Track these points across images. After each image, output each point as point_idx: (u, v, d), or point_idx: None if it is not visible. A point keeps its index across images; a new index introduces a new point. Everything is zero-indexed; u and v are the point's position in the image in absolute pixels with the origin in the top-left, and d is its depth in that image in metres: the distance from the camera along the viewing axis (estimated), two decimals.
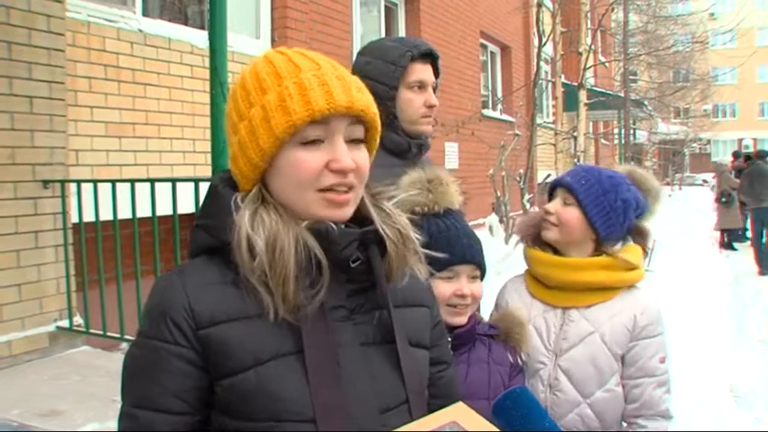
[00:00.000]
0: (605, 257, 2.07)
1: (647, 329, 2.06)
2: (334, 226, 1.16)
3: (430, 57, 2.33)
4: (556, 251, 2.11)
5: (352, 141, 1.18)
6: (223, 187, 1.21)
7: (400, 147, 2.29)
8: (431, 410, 1.31)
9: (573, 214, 2.05)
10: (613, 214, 2.06)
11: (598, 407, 2.02)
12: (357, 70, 2.26)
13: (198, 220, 1.23)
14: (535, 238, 2.17)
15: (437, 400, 1.31)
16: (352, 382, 1.15)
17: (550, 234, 2.07)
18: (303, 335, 1.12)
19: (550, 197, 2.15)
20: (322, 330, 1.14)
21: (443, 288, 1.73)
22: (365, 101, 1.17)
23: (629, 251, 2.13)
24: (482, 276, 1.83)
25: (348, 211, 1.18)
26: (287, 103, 1.12)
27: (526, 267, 2.21)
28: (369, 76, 2.19)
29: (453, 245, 1.72)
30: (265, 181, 1.19)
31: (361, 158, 1.18)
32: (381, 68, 2.26)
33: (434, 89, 2.36)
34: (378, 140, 1.24)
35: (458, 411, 1.14)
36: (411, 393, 1.20)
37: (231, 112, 1.22)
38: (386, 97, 2.23)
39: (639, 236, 2.20)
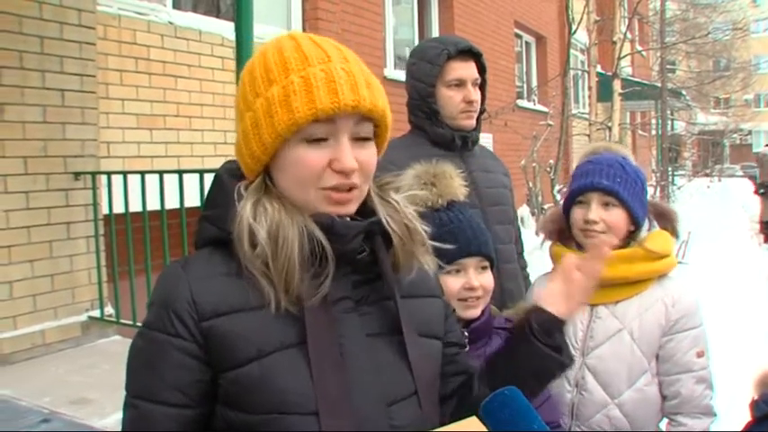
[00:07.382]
0: (634, 248, 1.97)
1: (681, 322, 1.96)
2: (338, 218, 1.14)
3: (470, 54, 2.39)
4: (579, 247, 2.01)
5: (359, 139, 1.14)
6: (228, 177, 1.20)
7: (445, 138, 2.39)
8: (455, 389, 1.32)
9: (619, 216, 1.95)
10: (643, 199, 1.98)
11: (627, 407, 1.95)
12: (406, 72, 2.49)
13: (204, 211, 1.22)
14: (560, 234, 2.08)
15: (460, 376, 1.32)
16: (357, 374, 1.12)
17: (598, 243, 1.88)
18: (306, 325, 1.10)
19: (571, 203, 2.01)
20: (325, 321, 1.12)
21: (452, 282, 1.69)
22: (373, 98, 1.12)
23: (657, 237, 2.02)
24: (492, 266, 1.79)
25: (351, 208, 1.16)
26: (291, 99, 1.09)
27: (553, 266, 2.11)
28: (413, 76, 2.43)
29: (458, 238, 1.69)
30: (269, 172, 1.17)
31: (366, 156, 1.14)
32: (422, 68, 2.40)
33: (482, 85, 2.45)
34: (387, 136, 1.21)
35: (469, 426, 1.10)
36: (420, 385, 1.18)
37: (239, 99, 1.19)
38: (425, 95, 2.38)
39: (663, 218, 2.09)
